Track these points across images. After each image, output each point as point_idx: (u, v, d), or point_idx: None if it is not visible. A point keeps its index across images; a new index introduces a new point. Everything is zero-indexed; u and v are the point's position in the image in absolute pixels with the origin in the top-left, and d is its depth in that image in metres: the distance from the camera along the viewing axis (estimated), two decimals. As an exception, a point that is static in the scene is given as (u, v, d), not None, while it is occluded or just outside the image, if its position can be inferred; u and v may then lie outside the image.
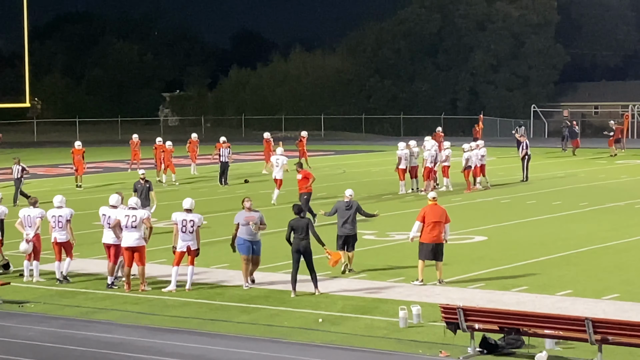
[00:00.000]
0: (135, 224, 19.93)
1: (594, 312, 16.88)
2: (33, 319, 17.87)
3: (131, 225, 19.94)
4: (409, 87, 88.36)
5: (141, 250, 20.01)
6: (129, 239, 19.96)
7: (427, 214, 20.11)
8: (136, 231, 19.96)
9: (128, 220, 19.97)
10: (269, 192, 37.19)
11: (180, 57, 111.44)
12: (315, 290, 19.31)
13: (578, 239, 25.76)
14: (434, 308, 17.21)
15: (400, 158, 36.76)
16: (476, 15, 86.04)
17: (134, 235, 19.95)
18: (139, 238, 19.98)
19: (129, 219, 19.97)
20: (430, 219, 20.02)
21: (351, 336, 16.31)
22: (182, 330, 16.93)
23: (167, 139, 46.67)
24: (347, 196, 21.56)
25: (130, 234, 19.96)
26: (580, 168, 47.20)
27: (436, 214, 20.13)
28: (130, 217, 19.98)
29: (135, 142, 48.04)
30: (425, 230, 20.05)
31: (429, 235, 20.03)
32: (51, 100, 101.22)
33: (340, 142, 73.42)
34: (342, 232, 21.27)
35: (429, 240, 20.04)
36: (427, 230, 20.04)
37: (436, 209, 20.22)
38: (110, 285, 20.34)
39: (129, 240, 19.96)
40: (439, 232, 20.10)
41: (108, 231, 20.50)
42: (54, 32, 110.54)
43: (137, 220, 19.94)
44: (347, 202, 21.37)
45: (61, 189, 37.51)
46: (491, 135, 74.32)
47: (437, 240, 20.10)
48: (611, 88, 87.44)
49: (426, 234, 20.05)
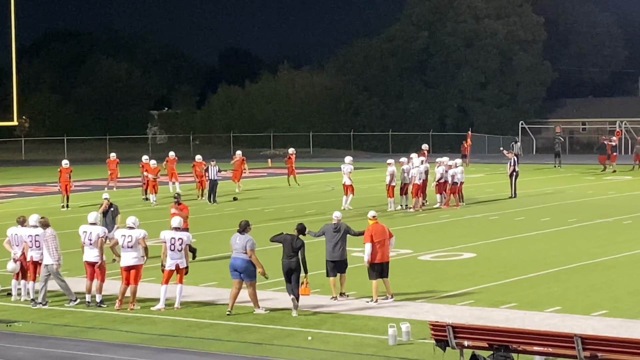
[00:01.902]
0: (131, 244, 20.03)
1: (583, 329, 16.88)
2: (22, 339, 17.79)
3: (127, 245, 20.03)
4: (397, 104, 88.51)
5: (138, 270, 20.07)
6: (127, 259, 20.07)
7: (373, 233, 19.90)
8: (133, 251, 20.06)
9: (124, 240, 20.06)
10: (257, 209, 37.23)
11: (169, 75, 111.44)
12: (293, 311, 19.17)
13: (567, 255, 25.78)
14: (423, 325, 17.20)
15: (391, 175, 36.76)
16: (464, 32, 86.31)
17: (131, 255, 20.06)
18: (136, 257, 20.04)
19: (125, 239, 20.08)
20: (377, 238, 19.89)
21: (340, 354, 16.28)
22: (171, 349, 16.88)
23: (155, 157, 46.53)
24: (335, 218, 20.69)
25: (127, 254, 20.09)
26: (568, 184, 47.31)
27: (381, 232, 20.00)
28: (127, 237, 20.10)
29: (113, 161, 47.81)
30: (373, 251, 19.89)
31: (377, 255, 19.90)
32: (39, 118, 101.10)
33: (328, 159, 73.46)
34: (331, 257, 20.33)
35: (378, 260, 19.93)
36: (375, 250, 19.88)
37: (379, 227, 20.08)
38: (99, 304, 20.30)
39: (127, 260, 20.04)
40: (386, 250, 20.00)
41: (90, 249, 20.48)
42: (41, 50, 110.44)
43: (133, 240, 20.04)
44: (335, 225, 20.50)
45: (49, 207, 37.49)
46: (480, 152, 74.54)
47: (383, 259, 19.98)
48: (599, 104, 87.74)
49: (373, 254, 19.90)
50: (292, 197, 43.26)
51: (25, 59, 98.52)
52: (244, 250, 19.22)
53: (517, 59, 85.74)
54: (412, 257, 25.80)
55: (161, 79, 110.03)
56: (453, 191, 37.34)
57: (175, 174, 45.81)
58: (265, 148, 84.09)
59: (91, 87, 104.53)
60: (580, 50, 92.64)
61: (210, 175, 41.35)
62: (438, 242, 28.38)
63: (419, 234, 30.65)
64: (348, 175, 37.92)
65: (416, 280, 22.56)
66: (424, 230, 31.66)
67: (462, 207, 37.08)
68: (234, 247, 19.41)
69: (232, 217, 34.63)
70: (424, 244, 27.95)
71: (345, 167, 38.42)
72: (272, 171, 56.96)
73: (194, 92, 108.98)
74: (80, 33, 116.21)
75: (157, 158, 47.03)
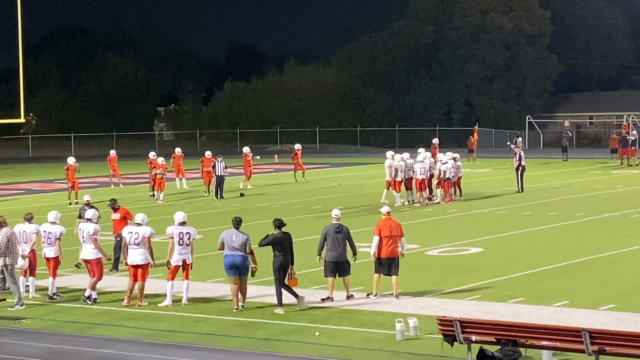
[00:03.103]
0: (137, 241, 20.07)
1: (591, 323, 16.87)
2: (29, 336, 17.82)
3: (134, 243, 20.06)
4: (403, 99, 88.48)
5: (144, 267, 20.09)
6: (133, 256, 20.11)
7: (381, 228, 19.95)
8: (139, 248, 20.08)
9: (131, 237, 20.10)
10: (264, 205, 37.23)
11: (175, 71, 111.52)
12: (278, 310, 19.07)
13: (574, 249, 25.74)
14: (430, 320, 17.19)
15: (396, 170, 36.71)
16: (470, 26, 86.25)
17: (137, 252, 20.09)
18: (143, 254, 20.07)
19: (132, 235, 20.11)
20: (385, 233, 19.90)
21: (348, 349, 16.28)
22: (179, 344, 16.89)
23: (162, 153, 46.55)
24: (334, 217, 20.17)
25: (134, 251, 20.12)
26: (575, 179, 47.23)
27: (390, 228, 19.98)
28: (134, 234, 20.13)
29: (113, 158, 47.86)
30: (380, 245, 19.91)
31: (384, 249, 19.91)
32: (46, 115, 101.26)
33: (335, 155, 73.49)
34: (331, 258, 19.77)
35: (384, 255, 19.93)
36: (382, 245, 19.90)
37: (390, 223, 20.05)
38: (85, 299, 20.35)
39: (133, 257, 20.09)
40: (394, 246, 19.97)
41: (86, 245, 20.57)
42: (48, 48, 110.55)
43: (140, 237, 20.08)
44: (337, 225, 19.97)
45: (57, 204, 37.50)
46: (486, 146, 74.47)
47: (392, 254, 19.94)
48: (605, 98, 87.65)
49: (381, 248, 19.92)
50: (298, 192, 43.25)
51: (31, 57, 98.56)
52: (243, 248, 19.21)
53: (523, 53, 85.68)
54: (420, 252, 25.78)
55: (167, 76, 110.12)
56: (445, 186, 37.17)
57: (182, 170, 45.86)
58: (272, 144, 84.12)
59: (98, 84, 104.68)
60: (587, 44, 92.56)
61: (217, 171, 41.31)
62: (445, 237, 28.36)
63: (426, 228, 30.63)
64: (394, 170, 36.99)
65: (423, 275, 22.55)
66: (431, 225, 31.64)
67: (457, 202, 37.00)
68: (230, 245, 19.33)
69: (239, 213, 34.49)
70: (431, 239, 27.92)
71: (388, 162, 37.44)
72: (279, 167, 56.95)
73: (201, 88, 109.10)
74: (87, 30, 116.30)
75: (163, 154, 47.14)
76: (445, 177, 36.92)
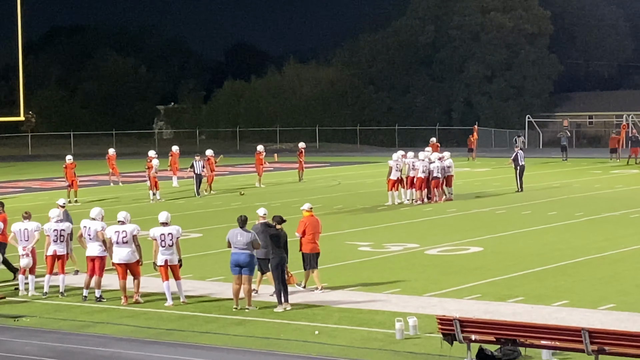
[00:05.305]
0: (125, 239, 19.88)
1: (591, 323, 16.87)
2: (29, 333, 17.81)
3: (122, 241, 19.90)
4: (403, 99, 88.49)
5: (133, 265, 19.98)
6: (120, 254, 19.92)
7: (307, 225, 20.57)
8: (127, 246, 19.90)
9: (118, 236, 19.92)
10: (264, 204, 37.22)
11: (175, 70, 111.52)
12: (284, 305, 19.12)
13: (574, 249, 25.74)
14: (430, 319, 17.19)
15: (391, 168, 36.77)
16: (470, 26, 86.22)
17: (124, 250, 19.91)
18: (130, 252, 19.93)
19: (119, 234, 19.92)
20: (310, 230, 20.57)
21: (347, 348, 16.28)
22: (179, 343, 16.89)
23: (162, 152, 46.53)
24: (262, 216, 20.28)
25: (121, 249, 19.92)
26: (575, 178, 47.24)
27: (315, 225, 20.70)
28: (121, 232, 19.92)
29: (112, 156, 47.82)
30: (306, 241, 20.57)
31: (310, 245, 20.57)
32: (45, 113, 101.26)
33: (335, 154, 73.49)
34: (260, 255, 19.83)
35: (309, 250, 20.57)
36: (307, 241, 20.56)
37: (314, 220, 20.74)
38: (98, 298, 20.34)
39: (121, 256, 19.92)
40: (316, 242, 20.65)
41: (91, 244, 20.50)
42: (48, 45, 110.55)
43: (128, 235, 19.89)
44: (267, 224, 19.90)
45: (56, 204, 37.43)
46: (486, 146, 74.45)
47: (315, 249, 20.62)
48: (605, 98, 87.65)
49: (307, 244, 20.56)
50: (298, 191, 43.26)
51: (31, 55, 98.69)
52: (248, 246, 19.20)
53: (523, 52, 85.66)
54: (419, 251, 25.79)
55: (167, 74, 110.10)
56: (435, 185, 37.16)
57: (175, 168, 45.78)
58: (272, 143, 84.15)
59: (97, 82, 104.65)
60: (587, 43, 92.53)
61: (195, 169, 41.48)
62: (445, 236, 28.36)
63: (426, 227, 30.63)
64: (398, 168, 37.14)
65: (423, 274, 22.55)
66: (431, 224, 31.64)
67: (448, 201, 36.98)
68: (235, 243, 19.33)
69: (239, 211, 34.46)
70: (430, 238, 27.92)
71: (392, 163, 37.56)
72: (278, 165, 56.94)
73: (200, 87, 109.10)
74: (87, 28, 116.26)
75: (163, 153, 47.10)
76: (433, 175, 36.96)
